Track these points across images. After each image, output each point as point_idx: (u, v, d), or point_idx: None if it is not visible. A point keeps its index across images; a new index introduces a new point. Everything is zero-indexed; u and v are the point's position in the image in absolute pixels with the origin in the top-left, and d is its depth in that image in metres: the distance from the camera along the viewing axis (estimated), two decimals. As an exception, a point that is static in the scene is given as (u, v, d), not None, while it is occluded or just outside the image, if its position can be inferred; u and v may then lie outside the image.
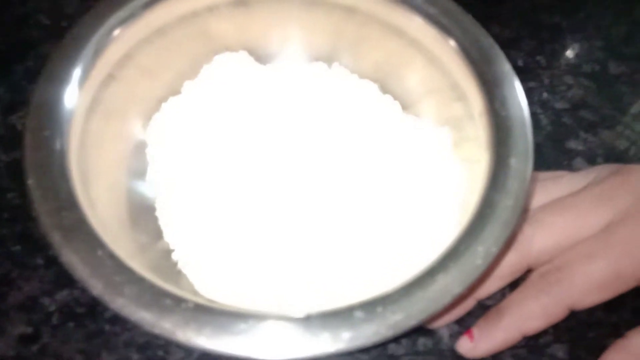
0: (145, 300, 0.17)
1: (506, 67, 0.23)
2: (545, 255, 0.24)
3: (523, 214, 0.23)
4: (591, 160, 0.31)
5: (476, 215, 0.19)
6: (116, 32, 0.24)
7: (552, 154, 0.31)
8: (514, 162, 0.20)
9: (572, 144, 0.32)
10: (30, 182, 0.19)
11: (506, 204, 0.19)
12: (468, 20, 0.24)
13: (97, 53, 0.23)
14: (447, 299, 0.17)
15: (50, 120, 0.20)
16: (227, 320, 0.16)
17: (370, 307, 0.17)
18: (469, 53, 0.23)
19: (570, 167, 0.31)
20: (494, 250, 0.18)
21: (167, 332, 0.16)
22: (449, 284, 0.17)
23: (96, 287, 0.17)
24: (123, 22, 0.24)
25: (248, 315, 0.17)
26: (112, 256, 0.18)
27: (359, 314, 0.17)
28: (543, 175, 0.27)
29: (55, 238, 0.18)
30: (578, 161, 0.31)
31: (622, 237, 0.23)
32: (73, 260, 0.17)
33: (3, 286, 0.25)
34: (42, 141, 0.20)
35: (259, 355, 0.16)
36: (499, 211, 0.19)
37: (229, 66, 0.29)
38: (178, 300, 0.17)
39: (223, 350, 0.16)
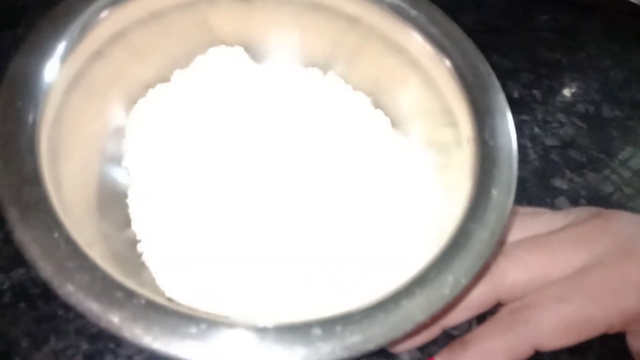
0: (95, 290, 0.16)
1: (500, 97, 0.22)
2: (516, 291, 0.23)
3: (498, 247, 0.22)
4: (574, 201, 0.31)
5: (450, 244, 0.18)
6: (110, 9, 0.23)
7: (535, 190, 0.31)
8: (495, 193, 0.19)
9: (557, 182, 0.31)
10: (-5, 152, 0.18)
11: (482, 235, 0.18)
12: (468, 45, 0.24)
13: (87, 28, 0.22)
14: (408, 326, 0.17)
15: (25, 91, 0.19)
16: (178, 321, 0.16)
17: (329, 325, 0.16)
18: (465, 77, 0.23)
19: (552, 206, 0.30)
20: (464, 281, 0.17)
21: (114, 326, 0.15)
22: (413, 311, 0.17)
23: (46, 270, 0.16)
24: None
25: (200, 319, 0.16)
26: (68, 240, 0.17)
27: (316, 331, 0.16)
28: (523, 210, 0.27)
29: (12, 213, 0.17)
30: (561, 200, 0.31)
31: (595, 282, 0.23)
32: (26, 238, 0.16)
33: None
34: (13, 112, 0.19)
35: (206, 362, 0.15)
36: (473, 242, 0.18)
37: (223, 60, 0.28)
38: (130, 295, 0.16)
39: (169, 353, 0.15)
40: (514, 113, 0.22)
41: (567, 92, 0.36)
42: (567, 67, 0.37)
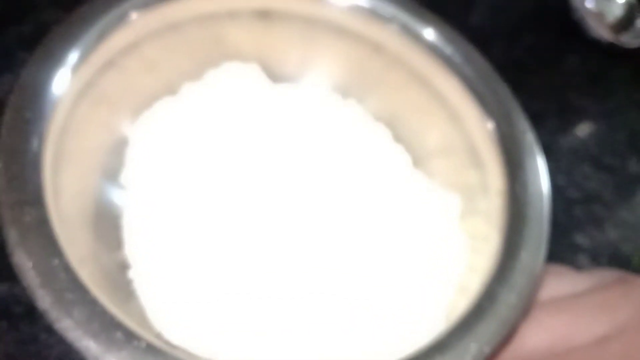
0: (94, 328, 0.16)
1: (535, 149, 0.23)
2: (535, 357, 0.23)
3: (525, 314, 0.22)
4: (595, 260, 0.31)
5: (474, 307, 0.18)
6: (127, 18, 0.23)
7: (556, 246, 0.31)
8: (524, 255, 0.20)
9: (579, 239, 0.32)
10: (-1, 166, 0.18)
11: (509, 300, 0.19)
12: (504, 93, 0.24)
13: (102, 37, 0.22)
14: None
15: (35, 102, 0.19)
16: (181, 370, 0.15)
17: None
18: (500, 126, 0.23)
19: (572, 263, 0.31)
20: (487, 349, 0.17)
21: (112, 369, 0.15)
22: (430, 381, 0.17)
23: (44, 300, 0.16)
24: (137, 8, 0.23)
25: (205, 368, 0.16)
26: (67, 268, 0.17)
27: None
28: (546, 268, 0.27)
29: (12, 234, 0.17)
30: (581, 258, 0.31)
31: (615, 353, 0.23)
32: (25, 264, 0.16)
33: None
34: (21, 123, 0.19)
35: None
36: (499, 306, 0.18)
37: (236, 76, 0.28)
38: (130, 336, 0.16)
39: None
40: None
41: (593, 142, 0.36)
42: (595, 115, 0.38)
